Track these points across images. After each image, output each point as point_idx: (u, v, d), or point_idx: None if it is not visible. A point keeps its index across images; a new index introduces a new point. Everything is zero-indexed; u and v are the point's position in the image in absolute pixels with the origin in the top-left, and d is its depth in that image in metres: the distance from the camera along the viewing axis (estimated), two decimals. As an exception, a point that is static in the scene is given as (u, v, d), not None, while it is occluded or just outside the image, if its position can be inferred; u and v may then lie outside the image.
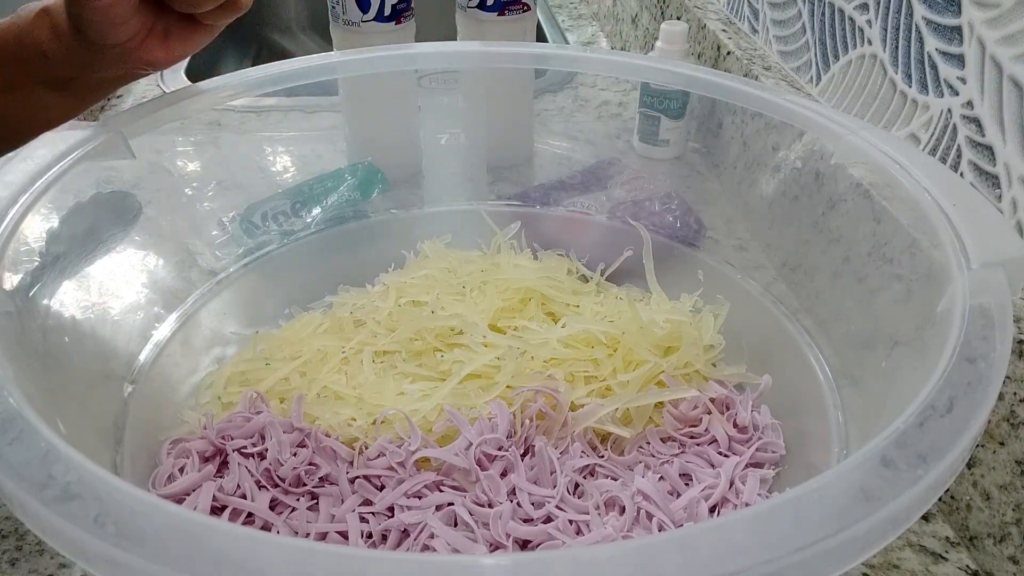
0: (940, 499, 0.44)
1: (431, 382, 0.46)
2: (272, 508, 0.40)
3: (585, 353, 0.47)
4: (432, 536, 0.38)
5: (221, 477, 0.41)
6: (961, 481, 0.43)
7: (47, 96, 0.46)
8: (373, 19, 0.64)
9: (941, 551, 0.43)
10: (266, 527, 0.39)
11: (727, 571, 0.21)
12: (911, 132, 0.53)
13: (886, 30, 0.55)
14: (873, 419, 0.38)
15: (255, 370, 0.48)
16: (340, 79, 0.65)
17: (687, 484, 0.42)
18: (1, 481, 0.23)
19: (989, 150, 0.46)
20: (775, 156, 0.53)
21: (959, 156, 0.48)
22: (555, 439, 0.43)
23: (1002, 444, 0.40)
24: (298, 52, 1.26)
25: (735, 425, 0.45)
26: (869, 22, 0.57)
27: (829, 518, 0.22)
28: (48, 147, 0.39)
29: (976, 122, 0.47)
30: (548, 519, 0.39)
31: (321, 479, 0.41)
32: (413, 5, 0.66)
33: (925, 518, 0.45)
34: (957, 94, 0.48)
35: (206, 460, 0.42)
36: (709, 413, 0.45)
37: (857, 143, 0.41)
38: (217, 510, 0.40)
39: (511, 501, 0.39)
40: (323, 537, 0.39)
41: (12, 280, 0.37)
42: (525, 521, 0.39)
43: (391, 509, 0.40)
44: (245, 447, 0.42)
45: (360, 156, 0.65)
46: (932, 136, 0.51)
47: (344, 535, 0.39)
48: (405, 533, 0.39)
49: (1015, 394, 0.39)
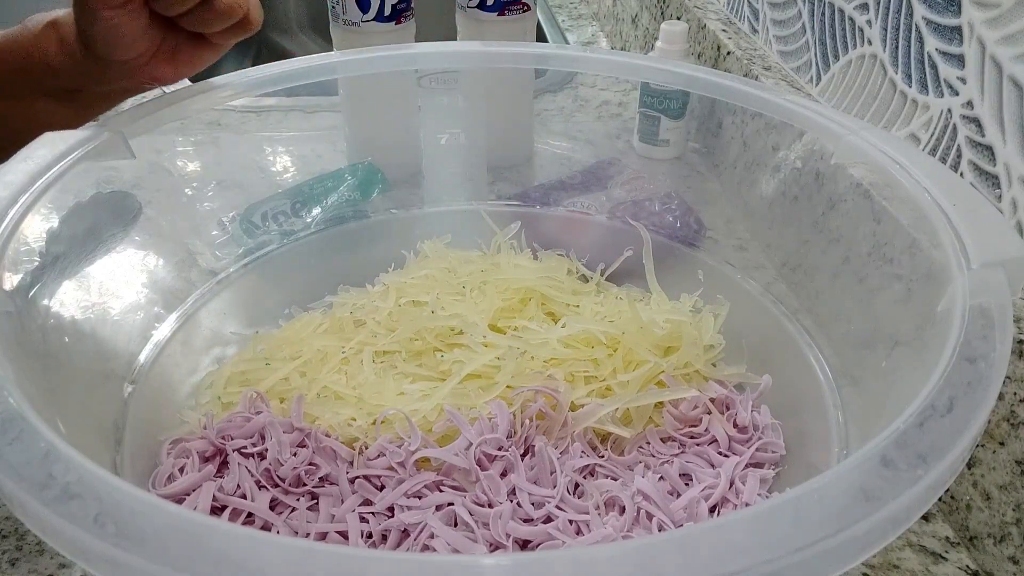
0: (940, 499, 0.44)
1: (431, 382, 0.46)
2: (272, 508, 0.40)
3: (585, 353, 0.47)
4: (432, 536, 0.38)
5: (221, 477, 0.41)
6: (961, 481, 0.43)
7: (51, 107, 0.46)
8: (373, 19, 0.64)
9: (941, 551, 0.43)
10: (266, 527, 0.39)
11: (727, 571, 0.21)
12: (911, 132, 0.53)
13: (886, 30, 0.55)
14: (873, 419, 0.38)
15: (255, 370, 0.48)
16: (340, 79, 0.65)
17: (687, 484, 0.42)
18: (1, 481, 0.23)
19: (989, 150, 0.46)
20: (775, 156, 0.53)
21: (959, 156, 0.48)
22: (555, 439, 0.43)
23: (1002, 444, 0.40)
24: (298, 52, 1.26)
25: (735, 425, 0.45)
26: (869, 22, 0.57)
27: (829, 518, 0.22)
28: (48, 147, 0.39)
29: (976, 122, 0.47)
30: (548, 519, 0.39)
31: (321, 479, 0.41)
32: (413, 5, 0.66)
33: (925, 518, 0.45)
34: (957, 94, 0.48)
35: (206, 460, 0.42)
36: (709, 413, 0.45)
37: (857, 143, 0.41)
38: (217, 510, 0.40)
39: (511, 501, 0.39)
40: (323, 537, 0.39)
41: (12, 280, 0.37)
42: (525, 521, 0.39)
43: (391, 509, 0.40)
44: (245, 447, 0.42)
45: (360, 156, 0.65)
46: (932, 136, 0.51)
47: (344, 535, 0.39)
48: (405, 533, 0.39)
49: (1015, 394, 0.39)
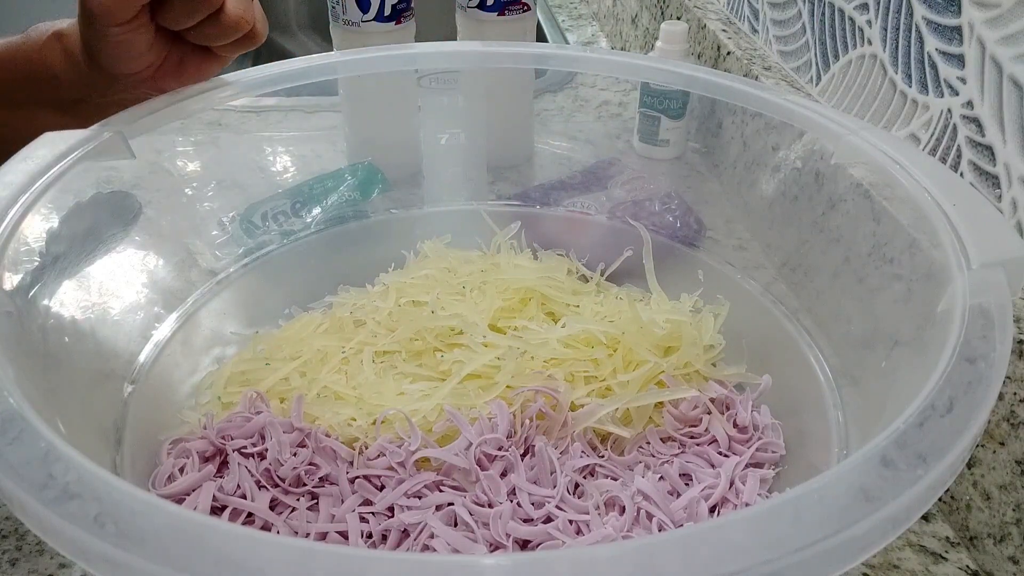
0: (940, 499, 0.44)
1: (431, 382, 0.46)
2: (272, 508, 0.40)
3: (585, 353, 0.47)
4: (432, 536, 0.38)
5: (221, 477, 0.41)
6: (961, 481, 0.43)
7: (53, 117, 0.46)
8: (373, 19, 0.64)
9: (941, 551, 0.43)
10: (266, 527, 0.39)
11: (727, 571, 0.21)
12: (911, 132, 0.53)
13: (886, 30, 0.55)
14: (873, 419, 0.38)
15: (255, 370, 0.48)
16: (340, 79, 0.65)
17: (687, 484, 0.42)
18: (1, 481, 0.23)
19: (989, 150, 0.46)
20: (775, 156, 0.53)
21: (959, 156, 0.48)
22: (555, 439, 0.43)
23: (1002, 444, 0.40)
24: (298, 52, 1.26)
25: (735, 425, 0.45)
26: (869, 22, 0.57)
27: (829, 518, 0.22)
28: (48, 147, 0.39)
29: (976, 122, 0.47)
30: (548, 519, 0.39)
31: (321, 479, 0.41)
32: (413, 5, 0.66)
33: (925, 518, 0.45)
34: (957, 94, 0.48)
35: (206, 460, 0.42)
36: (709, 413, 0.45)
37: (857, 143, 0.41)
38: (217, 510, 0.40)
39: (511, 501, 0.39)
40: (323, 537, 0.39)
41: (12, 280, 0.37)
42: (525, 521, 0.39)
43: (391, 509, 0.40)
44: (245, 447, 0.42)
45: (360, 156, 0.65)
46: (932, 136, 0.51)
47: (344, 535, 0.39)
48: (405, 533, 0.39)
49: (1015, 394, 0.39)
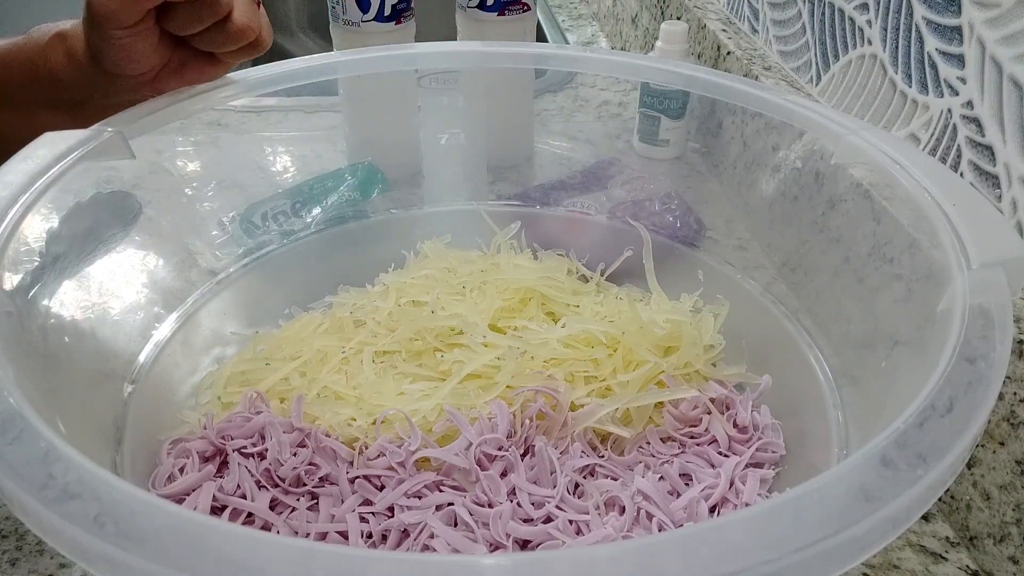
0: (940, 499, 0.44)
1: (431, 382, 0.46)
2: (272, 508, 0.40)
3: (585, 353, 0.47)
4: (432, 536, 0.38)
5: (221, 477, 0.41)
6: (961, 481, 0.43)
7: (55, 117, 0.46)
8: (373, 19, 0.64)
9: (941, 551, 0.43)
10: (266, 527, 0.39)
11: (727, 571, 0.21)
12: (911, 132, 0.53)
13: (886, 30, 0.55)
14: (873, 419, 0.38)
15: (255, 370, 0.48)
16: (340, 79, 0.65)
17: (687, 484, 0.42)
18: (1, 481, 0.23)
19: (989, 150, 0.46)
20: (775, 156, 0.53)
21: (959, 156, 0.48)
22: (555, 439, 0.43)
23: (1002, 444, 0.40)
24: (298, 52, 1.26)
25: (735, 425, 0.45)
26: (869, 22, 0.57)
27: (829, 518, 0.22)
28: (48, 147, 0.39)
29: (976, 122, 0.47)
30: (548, 519, 0.39)
31: (321, 479, 0.41)
32: (413, 5, 0.66)
33: (925, 518, 0.45)
34: (957, 94, 0.48)
35: (206, 460, 0.42)
36: (709, 413, 0.45)
37: (857, 143, 0.41)
38: (217, 510, 0.40)
39: (511, 501, 0.39)
40: (323, 537, 0.39)
41: (12, 280, 0.37)
42: (525, 521, 0.39)
43: (391, 509, 0.40)
44: (245, 447, 0.42)
45: (360, 156, 0.65)
46: (932, 136, 0.51)
47: (344, 535, 0.39)
48: (405, 533, 0.39)
49: (1015, 394, 0.39)
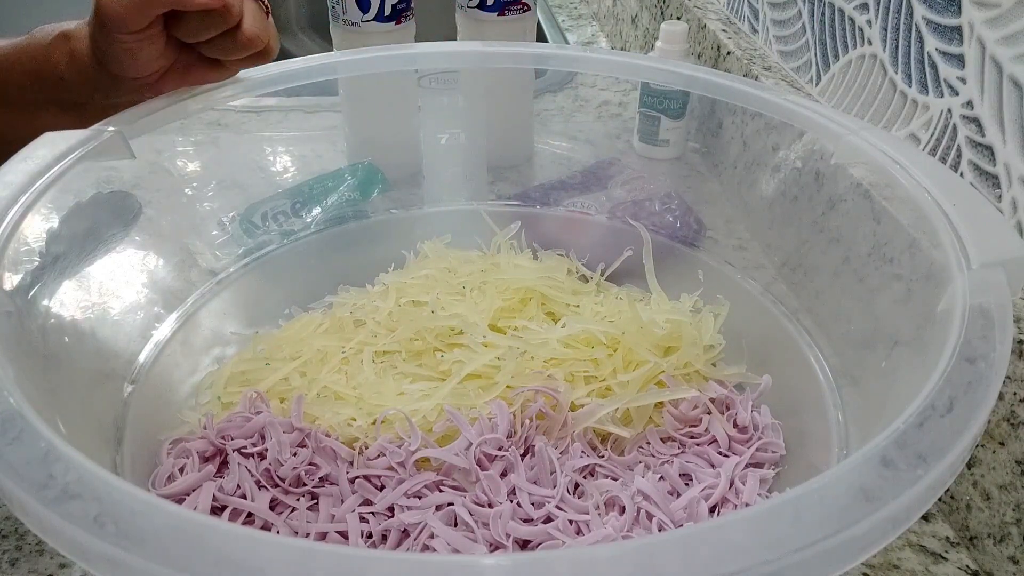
0: (940, 499, 0.44)
1: (431, 382, 0.46)
2: (272, 508, 0.40)
3: (585, 353, 0.47)
4: (432, 536, 0.38)
5: (221, 477, 0.41)
6: (961, 481, 0.43)
7: (57, 117, 0.46)
8: (373, 19, 0.64)
9: (941, 551, 0.43)
10: (266, 527, 0.39)
11: (727, 571, 0.21)
12: (911, 132, 0.53)
13: (886, 30, 0.55)
14: (873, 419, 0.38)
15: (255, 370, 0.48)
16: (340, 79, 0.65)
17: (687, 484, 0.42)
18: (1, 481, 0.23)
19: (989, 150, 0.46)
20: (775, 156, 0.53)
21: (959, 156, 0.48)
22: (555, 439, 0.43)
23: (1002, 444, 0.40)
24: (298, 52, 1.26)
25: (735, 425, 0.45)
26: (869, 22, 0.57)
27: (829, 518, 0.22)
28: (48, 147, 0.39)
29: (976, 122, 0.47)
30: (548, 519, 0.39)
31: (321, 479, 0.41)
32: (413, 5, 0.66)
33: (925, 518, 0.45)
34: (957, 94, 0.48)
35: (206, 460, 0.42)
36: (709, 413, 0.45)
37: (857, 143, 0.41)
38: (217, 510, 0.40)
39: (511, 501, 0.39)
40: (323, 537, 0.39)
41: (12, 280, 0.37)
42: (525, 521, 0.39)
43: (391, 509, 0.40)
44: (245, 447, 0.42)
45: (360, 156, 0.65)
46: (932, 136, 0.51)
47: (344, 535, 0.39)
48: (405, 533, 0.39)
49: (1015, 394, 0.39)
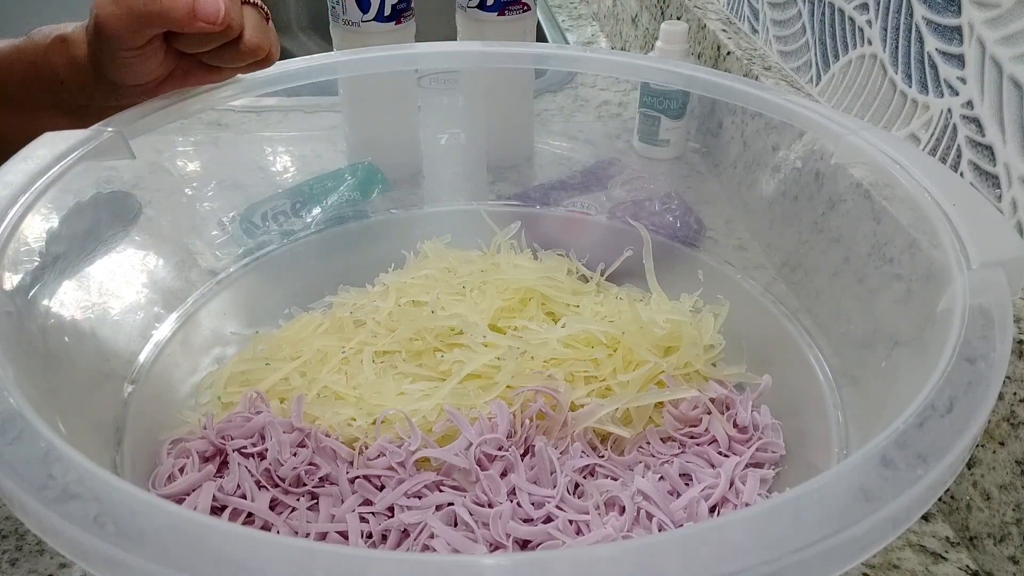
0: (940, 499, 0.44)
1: (431, 382, 0.46)
2: (272, 508, 0.40)
3: (585, 353, 0.47)
4: (432, 536, 0.38)
5: (221, 477, 0.41)
6: (961, 481, 0.43)
7: (56, 119, 0.46)
8: (373, 19, 0.64)
9: (941, 551, 0.43)
10: (266, 527, 0.39)
11: (727, 571, 0.21)
12: (911, 132, 0.53)
13: (886, 30, 0.55)
14: (873, 419, 0.38)
15: (255, 370, 0.48)
16: (340, 79, 0.65)
17: (687, 484, 0.42)
18: (1, 481, 0.23)
19: (989, 150, 0.46)
20: (775, 156, 0.53)
21: (959, 156, 0.48)
22: (555, 439, 0.43)
23: (1002, 444, 0.40)
24: (298, 52, 1.26)
25: (735, 425, 0.45)
26: (869, 22, 0.57)
27: (829, 518, 0.22)
28: (48, 147, 0.39)
29: (976, 122, 0.47)
30: (548, 519, 0.39)
31: (321, 479, 0.41)
32: (413, 5, 0.66)
33: (925, 518, 0.45)
34: (957, 94, 0.48)
35: (206, 460, 0.42)
36: (709, 413, 0.45)
37: (857, 143, 0.41)
38: (217, 510, 0.40)
39: (511, 501, 0.39)
40: (323, 537, 0.39)
41: (12, 280, 0.37)
42: (525, 521, 0.39)
43: (391, 509, 0.40)
44: (245, 447, 0.42)
45: (360, 156, 0.65)
46: (932, 136, 0.51)
47: (344, 535, 0.39)
48: (405, 533, 0.39)
49: (1015, 394, 0.39)
